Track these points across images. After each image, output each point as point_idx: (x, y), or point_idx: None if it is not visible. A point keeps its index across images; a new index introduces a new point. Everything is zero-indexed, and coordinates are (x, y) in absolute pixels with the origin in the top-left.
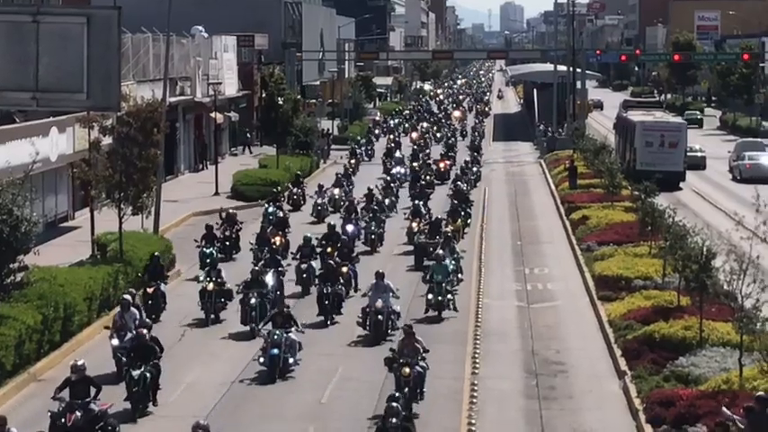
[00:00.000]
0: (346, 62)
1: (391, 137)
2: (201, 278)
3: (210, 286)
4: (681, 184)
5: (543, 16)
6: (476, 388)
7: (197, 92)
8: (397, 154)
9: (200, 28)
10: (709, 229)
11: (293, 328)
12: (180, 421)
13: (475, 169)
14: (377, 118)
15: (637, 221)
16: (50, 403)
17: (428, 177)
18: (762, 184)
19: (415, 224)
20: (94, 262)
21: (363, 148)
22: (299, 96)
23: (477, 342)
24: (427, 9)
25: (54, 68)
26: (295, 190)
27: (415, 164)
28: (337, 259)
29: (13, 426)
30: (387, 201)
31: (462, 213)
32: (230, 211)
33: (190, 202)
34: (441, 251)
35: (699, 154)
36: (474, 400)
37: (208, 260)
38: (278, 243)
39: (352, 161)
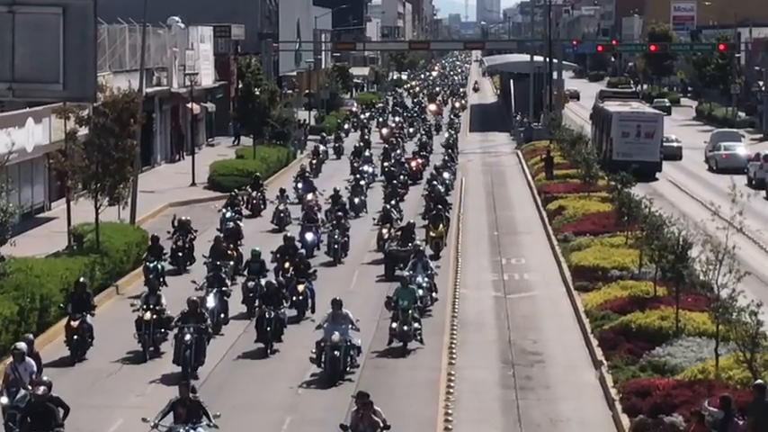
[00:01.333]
0: (323, 53)
1: (361, 133)
2: (137, 306)
3: (148, 315)
4: (657, 175)
5: (520, 7)
6: (453, 378)
7: (174, 82)
8: (366, 153)
9: (177, 18)
10: (685, 220)
11: (203, 423)
12: None
13: (447, 175)
14: (353, 108)
15: (613, 212)
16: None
17: (402, 177)
18: (737, 174)
19: (385, 230)
20: (71, 253)
21: (331, 145)
22: (276, 87)
23: (454, 332)
24: (404, 0)
25: (30, 59)
26: (254, 194)
27: (386, 163)
28: (293, 274)
29: None
30: (356, 200)
31: (442, 215)
32: (183, 218)
33: (166, 192)
34: (407, 272)
35: (675, 144)
36: (451, 391)
37: (151, 275)
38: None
39: (314, 161)
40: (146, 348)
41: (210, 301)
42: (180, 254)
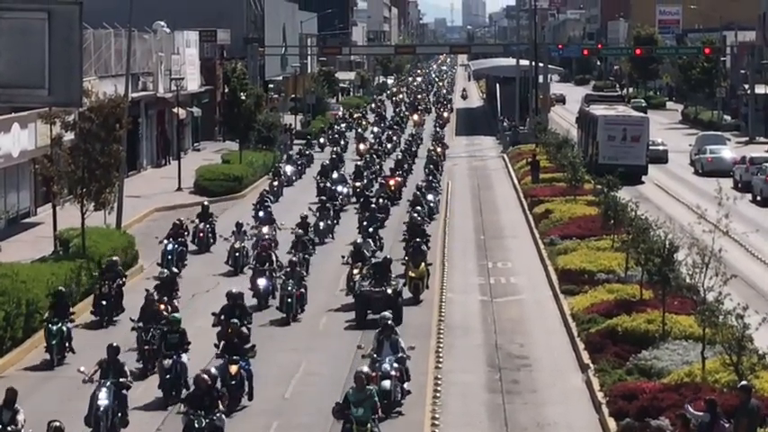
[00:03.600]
0: (309, 57)
1: (336, 149)
2: None
3: None
4: (643, 178)
5: (505, 11)
6: (439, 382)
7: (159, 87)
8: (335, 175)
9: (163, 23)
10: (671, 223)
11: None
12: None
13: (431, 197)
14: (339, 113)
15: (599, 215)
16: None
17: (380, 200)
18: (723, 177)
19: (356, 270)
20: (57, 258)
21: (299, 162)
22: (262, 92)
23: (441, 336)
24: (389, 4)
25: (15, 64)
26: (202, 225)
27: (357, 183)
28: (223, 348)
29: None
30: (321, 224)
31: (424, 250)
32: (113, 258)
33: (152, 197)
34: (369, 352)
35: (661, 148)
36: (437, 394)
37: (54, 342)
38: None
39: (274, 182)
40: None
41: (103, 399)
42: (104, 302)
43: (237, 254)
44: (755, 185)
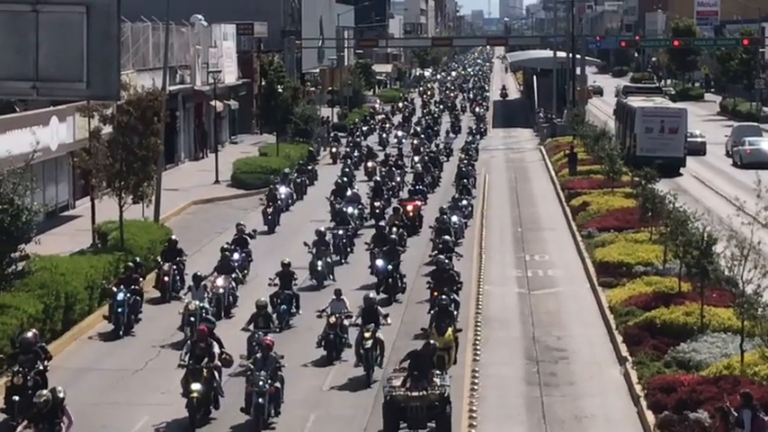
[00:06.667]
0: (345, 50)
1: (348, 162)
2: None
3: None
4: (681, 170)
5: (542, 2)
6: (477, 375)
7: (197, 80)
8: (348, 192)
9: (200, 16)
10: (709, 215)
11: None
12: None
13: (455, 219)
14: (376, 105)
15: (637, 207)
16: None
17: (395, 228)
18: (762, 169)
19: (368, 334)
20: (95, 251)
21: (299, 179)
22: (298, 84)
23: (478, 329)
24: None
25: (54, 58)
26: (166, 266)
27: (377, 203)
28: None
29: None
30: (319, 263)
31: (452, 311)
32: (27, 333)
33: (190, 190)
34: None
35: (699, 139)
36: (475, 387)
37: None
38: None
39: (269, 209)
40: None
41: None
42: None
43: (193, 318)
44: None
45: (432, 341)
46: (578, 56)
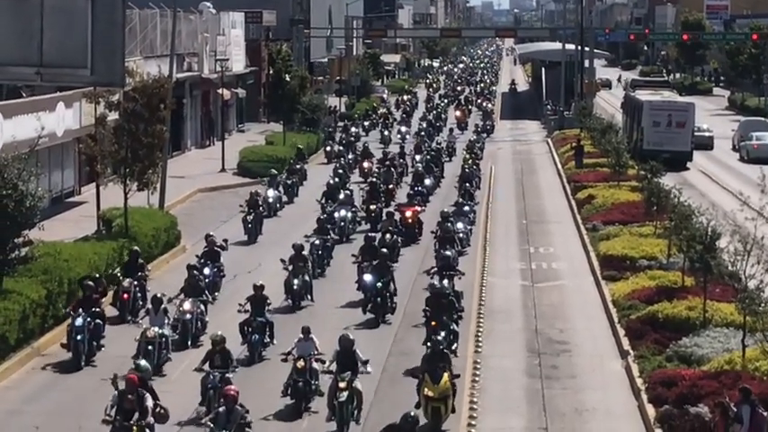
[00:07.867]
0: (354, 39)
1: (341, 161)
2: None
3: None
4: (688, 164)
5: None
6: (478, 366)
7: (204, 68)
8: (341, 195)
9: (208, 4)
10: (714, 210)
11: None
12: None
13: (461, 225)
14: (384, 96)
15: (643, 201)
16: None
17: (388, 235)
18: None
19: (342, 384)
20: (99, 237)
21: (289, 181)
22: (306, 73)
23: (481, 320)
24: None
25: (58, 44)
26: (126, 282)
27: (373, 206)
28: None
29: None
30: (295, 282)
31: (447, 353)
32: None
33: (196, 178)
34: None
35: (706, 134)
36: (476, 379)
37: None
38: None
39: (249, 216)
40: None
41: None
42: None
43: (150, 346)
44: None
45: (412, 413)
46: (587, 48)
